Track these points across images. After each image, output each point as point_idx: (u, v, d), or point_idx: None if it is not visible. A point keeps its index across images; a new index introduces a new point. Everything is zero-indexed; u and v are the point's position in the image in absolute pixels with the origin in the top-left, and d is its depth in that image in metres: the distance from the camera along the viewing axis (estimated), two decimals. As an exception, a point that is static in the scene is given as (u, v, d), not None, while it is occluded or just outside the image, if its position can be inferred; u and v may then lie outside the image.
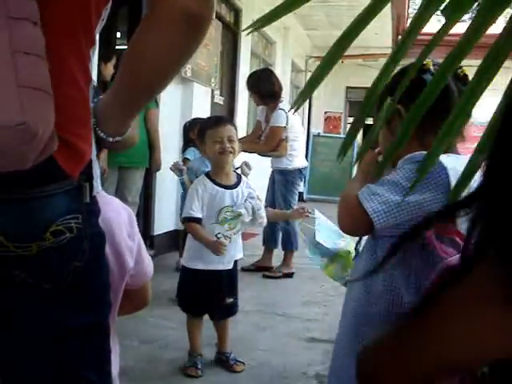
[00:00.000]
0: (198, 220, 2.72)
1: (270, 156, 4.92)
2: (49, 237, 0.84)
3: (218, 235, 2.72)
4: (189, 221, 2.74)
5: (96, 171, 0.94)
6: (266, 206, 3.59)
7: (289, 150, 4.85)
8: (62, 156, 0.84)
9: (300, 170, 4.95)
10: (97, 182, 0.95)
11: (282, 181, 4.87)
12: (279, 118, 4.81)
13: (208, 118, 3.89)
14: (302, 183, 5.18)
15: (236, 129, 2.88)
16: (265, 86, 4.81)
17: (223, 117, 3.02)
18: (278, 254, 5.04)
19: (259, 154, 4.96)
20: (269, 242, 4.98)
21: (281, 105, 4.88)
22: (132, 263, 1.20)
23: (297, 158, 4.92)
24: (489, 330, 0.57)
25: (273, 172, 5.03)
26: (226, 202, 2.74)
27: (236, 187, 2.79)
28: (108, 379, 1.02)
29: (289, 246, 4.92)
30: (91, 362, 0.96)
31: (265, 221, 2.87)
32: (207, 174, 2.83)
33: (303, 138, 5.25)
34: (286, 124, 4.82)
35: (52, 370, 0.91)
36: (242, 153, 4.18)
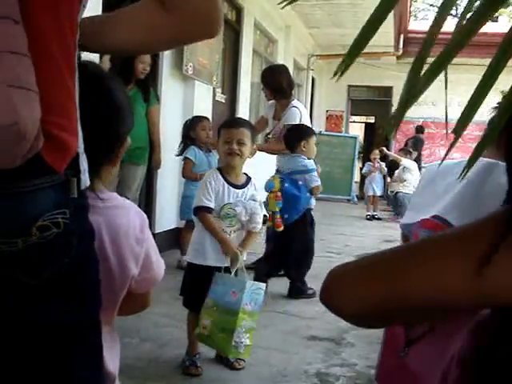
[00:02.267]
0: (209, 210, 2.73)
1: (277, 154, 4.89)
2: (35, 232, 0.83)
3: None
4: (201, 210, 2.73)
5: (83, 165, 0.93)
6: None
7: None
8: (46, 150, 0.82)
9: None
10: (85, 176, 0.93)
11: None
12: (293, 115, 4.72)
13: (229, 118, 3.79)
14: None
15: (252, 132, 2.87)
16: (274, 81, 4.78)
17: (242, 119, 3.00)
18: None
19: (267, 152, 4.92)
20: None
21: (293, 102, 4.81)
22: (136, 270, 1.19)
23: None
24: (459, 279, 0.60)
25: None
26: (230, 200, 2.76)
27: (243, 187, 2.81)
28: (99, 375, 1.02)
29: None
30: (82, 359, 0.95)
31: (258, 227, 2.84)
32: (219, 169, 2.85)
33: None
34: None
35: (42, 367, 0.91)
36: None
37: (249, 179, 2.87)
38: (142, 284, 1.22)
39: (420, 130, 11.75)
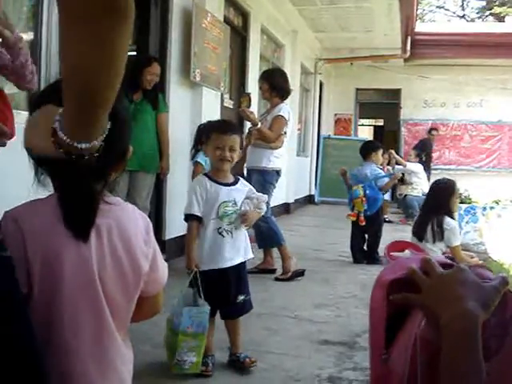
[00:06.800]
0: (197, 217, 2.80)
1: (265, 146, 4.90)
2: None
3: (220, 230, 2.80)
4: (189, 218, 2.83)
5: None
6: None
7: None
8: None
9: (277, 172, 5.00)
10: None
11: (260, 180, 4.86)
12: (283, 109, 4.92)
13: (219, 120, 3.90)
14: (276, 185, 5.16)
15: (242, 138, 2.96)
16: (279, 80, 5.01)
17: (232, 124, 3.08)
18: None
19: (261, 135, 4.88)
20: (264, 243, 4.99)
21: (285, 102, 5.01)
22: (147, 268, 1.19)
23: (276, 160, 4.95)
24: None
25: (248, 171, 5.04)
26: (225, 198, 2.81)
27: (234, 185, 2.87)
28: None
29: (276, 242, 4.93)
30: None
31: (264, 211, 2.99)
32: (206, 174, 2.93)
33: (286, 143, 5.34)
34: (288, 120, 4.92)
35: None
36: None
37: (237, 178, 2.95)
38: (151, 285, 1.23)
39: (429, 132, 11.71)
